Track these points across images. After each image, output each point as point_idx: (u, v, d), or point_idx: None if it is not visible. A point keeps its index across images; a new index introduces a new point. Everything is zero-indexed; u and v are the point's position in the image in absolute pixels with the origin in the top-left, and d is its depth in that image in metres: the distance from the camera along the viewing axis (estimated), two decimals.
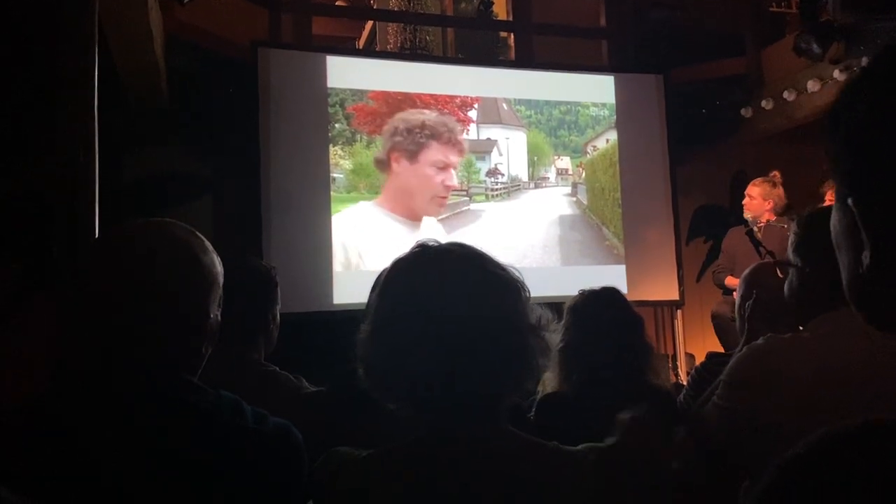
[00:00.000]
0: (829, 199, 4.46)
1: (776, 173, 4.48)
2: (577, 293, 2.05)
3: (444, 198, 4.87)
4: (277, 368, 1.80)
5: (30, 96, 2.80)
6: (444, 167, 4.87)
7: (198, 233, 1.07)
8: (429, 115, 4.90)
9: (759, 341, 1.45)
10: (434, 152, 4.86)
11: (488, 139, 5.13)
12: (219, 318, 1.07)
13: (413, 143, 4.81)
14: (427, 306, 0.96)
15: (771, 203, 4.40)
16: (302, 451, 1.03)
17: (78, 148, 2.43)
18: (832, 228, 0.62)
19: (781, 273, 1.74)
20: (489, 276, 0.99)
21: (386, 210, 4.75)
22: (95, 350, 1.00)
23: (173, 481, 0.93)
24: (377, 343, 0.98)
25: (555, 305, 1.93)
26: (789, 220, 4.32)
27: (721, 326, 4.34)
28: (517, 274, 1.02)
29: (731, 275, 4.51)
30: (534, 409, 1.90)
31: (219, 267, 1.06)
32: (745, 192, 4.50)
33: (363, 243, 4.64)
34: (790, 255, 1.54)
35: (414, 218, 4.80)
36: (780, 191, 4.43)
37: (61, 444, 0.93)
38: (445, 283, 0.97)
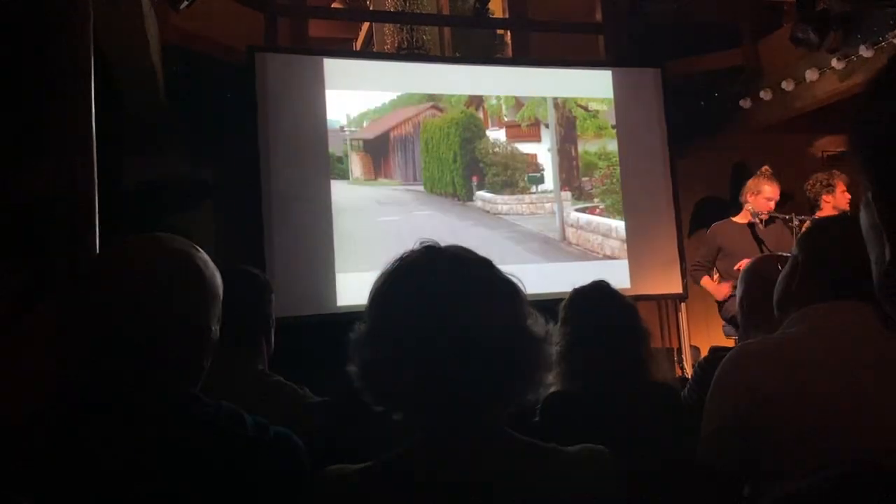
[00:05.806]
0: (841, 189, 4.44)
1: (768, 168, 4.43)
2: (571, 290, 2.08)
3: None
4: (282, 378, 1.80)
5: (26, 104, 2.80)
6: None
7: (197, 246, 1.07)
8: None
9: (733, 349, 1.42)
10: None
11: None
12: (217, 332, 1.07)
13: None
14: (430, 309, 0.93)
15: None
16: (303, 460, 1.03)
17: (76, 155, 2.42)
18: (861, 224, 0.60)
19: (783, 267, 1.74)
20: (495, 284, 0.97)
21: None
22: (97, 363, 1.00)
23: (174, 492, 0.93)
24: (375, 343, 0.95)
25: (554, 302, 1.96)
26: (787, 213, 4.31)
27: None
28: (520, 284, 1.00)
29: (708, 274, 4.50)
30: (538, 409, 1.91)
31: (219, 280, 1.07)
32: (762, 193, 4.30)
33: None
34: (794, 245, 1.53)
35: None
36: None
37: (62, 456, 0.93)
38: (450, 286, 0.94)
